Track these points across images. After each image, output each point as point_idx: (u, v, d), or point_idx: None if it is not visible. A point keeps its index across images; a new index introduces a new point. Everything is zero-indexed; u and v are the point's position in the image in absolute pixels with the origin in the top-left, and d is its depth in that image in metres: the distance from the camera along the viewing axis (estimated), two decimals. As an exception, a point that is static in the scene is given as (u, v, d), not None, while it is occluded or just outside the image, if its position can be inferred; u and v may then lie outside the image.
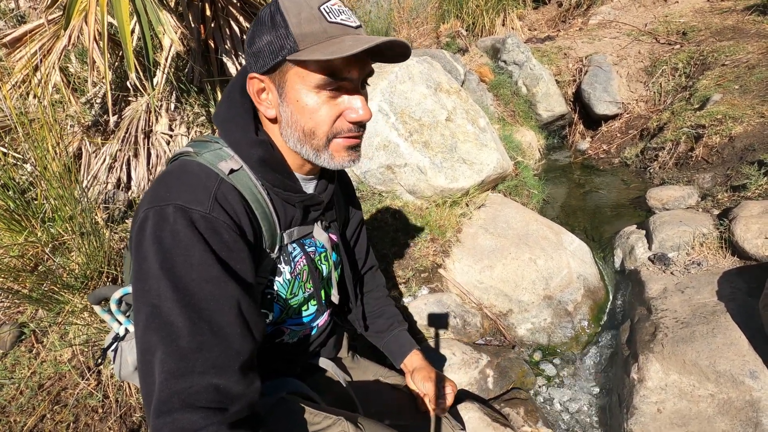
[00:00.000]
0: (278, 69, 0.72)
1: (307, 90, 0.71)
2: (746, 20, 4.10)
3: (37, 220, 1.68)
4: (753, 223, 1.87)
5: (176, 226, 0.68)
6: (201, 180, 0.73)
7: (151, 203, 0.70)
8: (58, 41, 2.25)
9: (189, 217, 0.68)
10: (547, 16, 5.89)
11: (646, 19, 4.79)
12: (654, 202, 2.56)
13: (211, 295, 0.66)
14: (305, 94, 0.72)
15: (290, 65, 0.71)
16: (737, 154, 2.62)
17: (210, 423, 0.58)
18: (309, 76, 0.70)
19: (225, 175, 0.75)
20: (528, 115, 3.99)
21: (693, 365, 1.48)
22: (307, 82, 0.71)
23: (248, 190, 0.78)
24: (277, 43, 0.70)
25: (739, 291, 1.67)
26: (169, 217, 0.68)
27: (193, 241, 0.67)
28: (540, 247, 2.18)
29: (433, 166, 2.25)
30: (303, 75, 0.70)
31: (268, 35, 0.71)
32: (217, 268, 0.68)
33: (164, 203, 0.69)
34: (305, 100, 0.72)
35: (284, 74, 0.72)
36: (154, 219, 0.68)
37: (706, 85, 3.36)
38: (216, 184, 0.73)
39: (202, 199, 0.71)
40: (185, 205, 0.69)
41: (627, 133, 3.79)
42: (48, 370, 1.51)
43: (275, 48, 0.70)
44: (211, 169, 0.75)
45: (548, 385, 1.82)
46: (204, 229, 0.69)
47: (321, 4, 0.70)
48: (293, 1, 0.70)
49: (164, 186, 0.73)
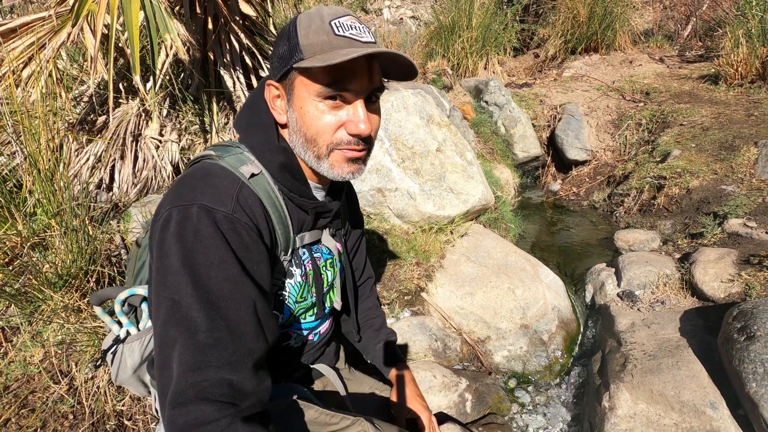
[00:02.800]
0: (288, 77, 0.77)
1: (310, 98, 0.75)
2: (700, 87, 4.56)
3: (20, 213, 1.62)
4: (711, 267, 2.04)
5: (199, 225, 0.70)
6: (224, 182, 0.76)
7: (175, 202, 0.72)
8: (55, 36, 2.23)
9: (212, 217, 0.71)
10: (525, 64, 6.30)
11: (614, 77, 5.22)
12: (621, 243, 2.74)
13: (229, 294, 0.68)
14: (308, 101, 0.75)
15: (296, 73, 0.75)
16: (694, 205, 2.87)
17: (223, 416, 0.59)
18: (311, 85, 0.74)
19: (246, 179, 0.79)
20: (505, 154, 4.21)
21: (660, 395, 1.58)
22: (310, 91, 0.75)
23: (266, 194, 0.81)
24: (288, 53, 0.75)
25: (699, 328, 1.81)
26: (192, 216, 0.70)
27: (215, 240, 0.70)
28: (518, 278, 2.28)
29: (422, 192, 2.34)
30: (307, 83, 0.74)
31: (283, 46, 0.77)
32: (237, 268, 0.70)
33: (188, 203, 0.71)
34: (307, 108, 0.76)
35: (292, 82, 0.77)
36: (177, 217, 0.70)
37: (666, 141, 3.68)
38: (238, 187, 0.76)
39: (225, 200, 0.74)
40: (209, 206, 0.71)
41: (595, 178, 4.06)
42: (16, 372, 1.43)
43: (286, 57, 0.76)
44: (233, 172, 0.78)
45: (523, 412, 1.87)
46: (226, 230, 0.71)
47: (333, 19, 0.74)
48: (309, 15, 0.76)
49: (188, 186, 0.75)
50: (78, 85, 2.81)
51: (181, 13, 2.52)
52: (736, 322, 1.55)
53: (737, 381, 1.43)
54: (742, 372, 1.41)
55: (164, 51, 2.39)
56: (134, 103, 2.58)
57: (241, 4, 2.62)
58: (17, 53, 2.16)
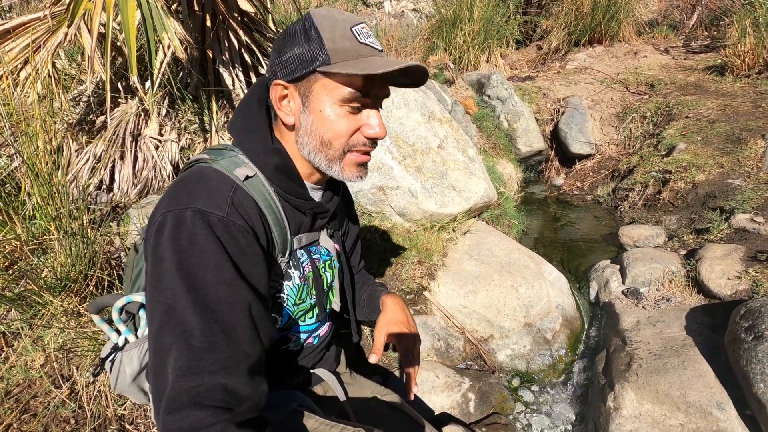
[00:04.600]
0: (306, 79, 0.76)
1: (332, 102, 0.76)
2: (706, 79, 4.49)
3: (19, 216, 1.61)
4: (717, 264, 2.02)
5: (194, 229, 0.70)
6: (218, 185, 0.76)
7: (170, 207, 0.72)
8: (52, 37, 2.21)
9: (207, 221, 0.71)
10: (527, 57, 6.22)
11: (618, 69, 5.15)
12: (626, 239, 2.71)
13: (224, 297, 0.68)
14: (329, 105, 0.76)
15: (319, 76, 0.75)
16: (700, 200, 2.83)
17: (218, 421, 0.59)
18: (336, 89, 0.75)
19: (240, 182, 0.78)
20: (508, 149, 4.17)
21: (665, 395, 1.56)
22: (333, 95, 0.75)
23: (262, 196, 0.80)
24: (309, 55, 0.74)
25: (705, 327, 1.79)
26: (187, 220, 0.70)
27: (210, 243, 0.69)
28: (521, 276, 2.26)
29: (424, 190, 2.32)
30: (330, 87, 0.75)
31: (300, 47, 0.75)
32: (232, 272, 0.70)
33: (183, 207, 0.71)
34: (328, 111, 0.76)
35: (311, 84, 0.76)
36: (172, 221, 0.70)
37: (671, 134, 3.63)
38: (232, 190, 0.76)
39: (220, 203, 0.73)
40: (204, 209, 0.71)
41: (599, 172, 4.02)
42: (17, 376, 1.43)
43: (307, 59, 0.74)
44: (228, 175, 0.78)
45: (526, 412, 1.86)
46: (221, 233, 0.71)
47: (352, 26, 0.75)
48: (328, 18, 0.75)
49: (183, 190, 0.75)
50: (76, 85, 2.79)
51: (178, 11, 2.49)
52: (743, 321, 1.52)
53: (744, 381, 1.41)
54: (750, 372, 1.38)
55: (162, 50, 2.37)
56: (133, 103, 2.57)
57: (240, 1, 2.59)
58: (13, 55, 2.14)
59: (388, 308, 1.06)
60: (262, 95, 0.85)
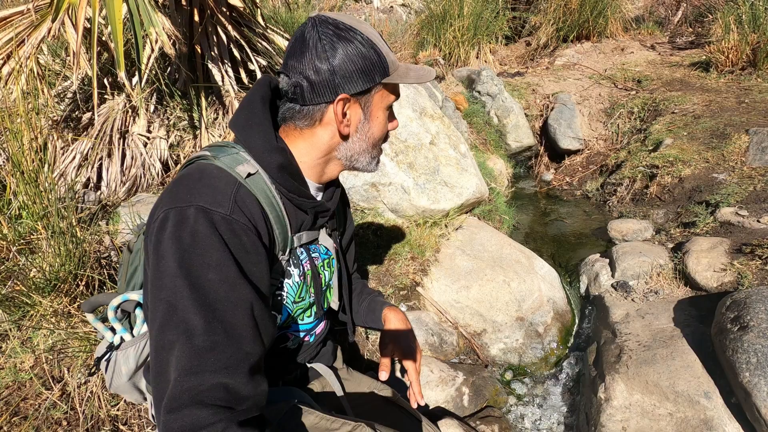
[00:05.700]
0: (370, 91, 0.82)
1: (383, 108, 0.86)
2: (692, 75, 4.56)
3: (5, 216, 1.57)
4: (703, 257, 2.06)
5: (197, 227, 0.69)
6: (221, 183, 0.75)
7: (172, 204, 0.71)
8: (35, 31, 2.16)
9: (210, 219, 0.70)
10: (517, 53, 6.25)
11: (606, 65, 5.20)
12: (615, 234, 2.76)
13: (226, 296, 0.68)
14: (381, 111, 0.86)
15: (380, 87, 0.83)
16: (686, 194, 2.88)
17: (218, 420, 0.59)
18: (388, 97, 0.85)
19: (242, 179, 0.78)
20: (498, 144, 4.19)
21: (654, 386, 1.59)
22: (385, 101, 0.85)
23: (263, 194, 0.80)
24: (374, 69, 0.80)
25: (693, 318, 1.83)
26: (189, 218, 0.69)
27: (212, 241, 0.69)
28: (513, 271, 2.28)
29: (416, 186, 2.32)
30: (385, 96, 0.85)
31: (363, 61, 0.78)
32: (234, 270, 0.70)
33: (185, 204, 0.70)
34: (381, 117, 0.86)
35: (371, 95, 0.83)
36: (174, 219, 0.69)
37: (658, 130, 3.68)
38: (235, 188, 0.75)
39: (223, 201, 0.73)
40: (207, 207, 0.71)
41: (588, 167, 4.06)
42: (6, 379, 1.40)
43: (372, 73, 0.80)
44: (230, 172, 0.77)
45: (519, 404, 1.88)
46: (224, 231, 0.71)
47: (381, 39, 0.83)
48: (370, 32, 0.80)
49: (184, 187, 0.74)
50: (61, 81, 2.73)
51: (165, 5, 2.45)
52: (729, 312, 1.56)
53: (731, 371, 1.45)
54: (736, 362, 1.42)
55: (149, 45, 2.33)
56: (120, 99, 2.52)
57: (228, -4, 2.56)
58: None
59: (391, 323, 1.09)
60: (265, 93, 0.85)
